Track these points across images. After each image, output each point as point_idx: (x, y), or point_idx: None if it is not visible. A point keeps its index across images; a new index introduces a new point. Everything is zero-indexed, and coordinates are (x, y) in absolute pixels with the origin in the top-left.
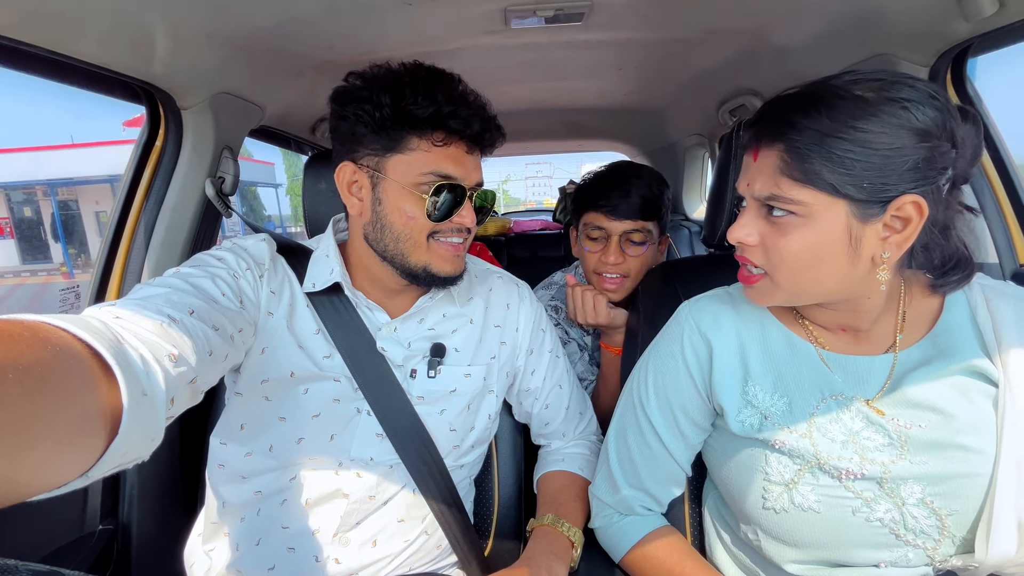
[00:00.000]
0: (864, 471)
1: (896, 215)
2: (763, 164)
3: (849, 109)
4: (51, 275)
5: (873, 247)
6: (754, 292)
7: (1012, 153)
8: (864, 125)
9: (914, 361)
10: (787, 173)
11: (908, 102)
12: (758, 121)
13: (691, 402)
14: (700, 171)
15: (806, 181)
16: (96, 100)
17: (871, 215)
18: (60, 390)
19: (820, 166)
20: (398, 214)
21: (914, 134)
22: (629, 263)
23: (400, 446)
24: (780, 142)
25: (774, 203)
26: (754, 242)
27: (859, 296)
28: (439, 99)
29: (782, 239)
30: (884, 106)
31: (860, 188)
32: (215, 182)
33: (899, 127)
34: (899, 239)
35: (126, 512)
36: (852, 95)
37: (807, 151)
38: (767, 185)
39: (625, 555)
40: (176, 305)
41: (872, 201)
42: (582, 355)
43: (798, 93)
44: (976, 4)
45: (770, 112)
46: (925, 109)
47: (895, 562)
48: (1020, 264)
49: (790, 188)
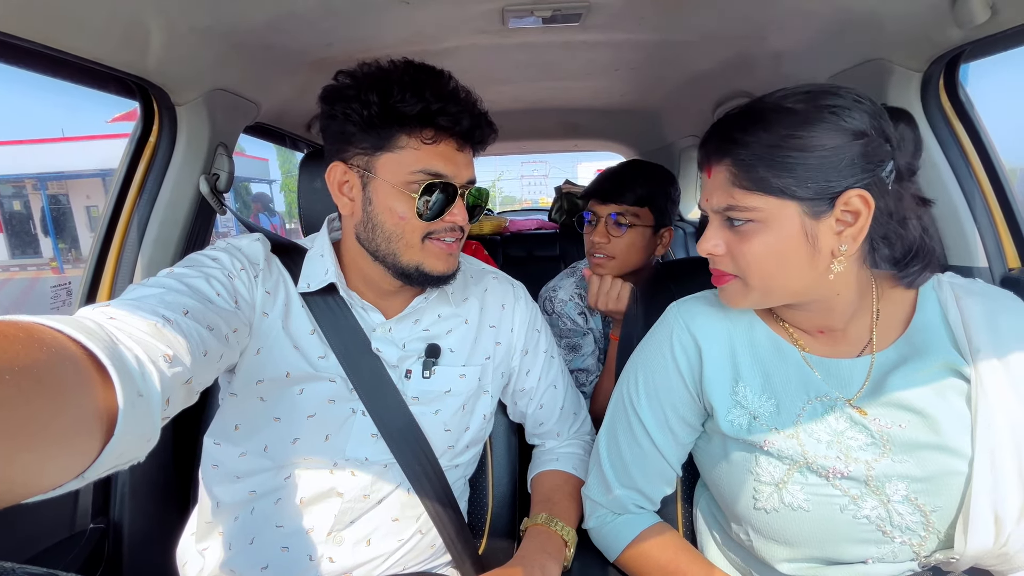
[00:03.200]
0: (849, 469)
1: (845, 209)
2: (716, 179)
3: (782, 120)
4: (40, 270)
5: (830, 241)
6: (726, 294)
7: (1002, 158)
8: (798, 132)
9: (891, 362)
10: (738, 184)
11: (836, 108)
12: (706, 142)
13: (681, 401)
14: (695, 172)
15: (755, 188)
16: (87, 93)
17: (821, 211)
18: (56, 392)
19: (765, 173)
20: (389, 214)
21: (846, 134)
22: (613, 245)
23: (395, 446)
24: (727, 157)
25: (732, 213)
26: (721, 252)
27: (828, 294)
28: (427, 96)
29: (745, 245)
30: (813, 113)
31: (805, 188)
32: (209, 179)
33: (830, 130)
34: (853, 231)
35: (117, 511)
36: (784, 108)
37: (751, 162)
38: (723, 197)
39: (620, 554)
40: (170, 305)
41: (819, 199)
42: (595, 349)
43: (738, 113)
44: (969, 11)
45: (716, 133)
46: (851, 112)
47: (882, 558)
48: (1009, 268)
49: (743, 197)
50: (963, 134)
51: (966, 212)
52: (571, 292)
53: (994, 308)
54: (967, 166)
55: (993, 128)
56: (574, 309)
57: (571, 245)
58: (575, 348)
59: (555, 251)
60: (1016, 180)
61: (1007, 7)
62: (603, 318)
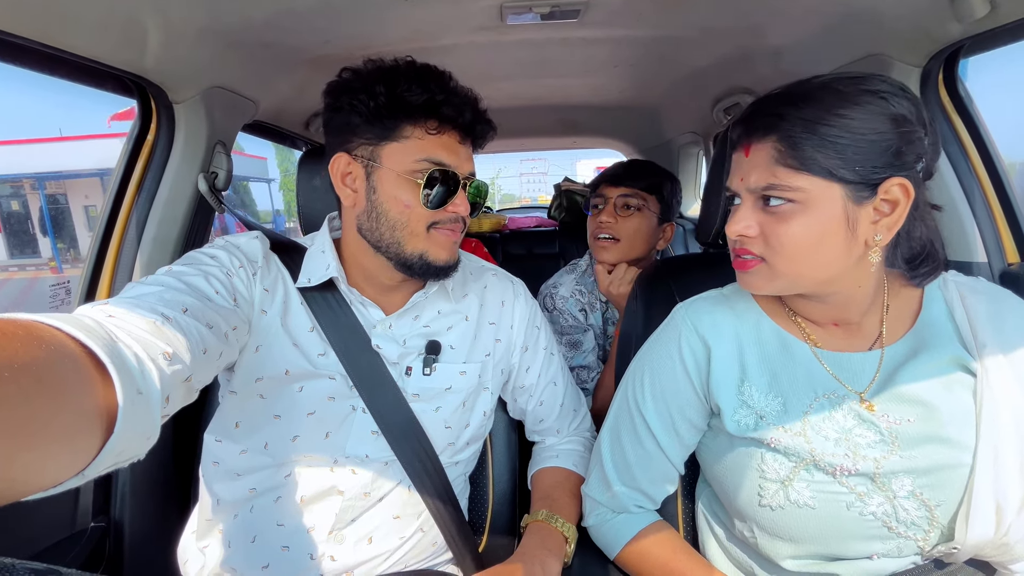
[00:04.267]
0: (857, 467)
1: (885, 198)
2: (757, 157)
3: (832, 100)
4: (39, 270)
5: (866, 230)
6: (751, 277)
7: (1001, 153)
8: (848, 112)
9: (901, 356)
10: (783, 162)
11: (883, 93)
12: (748, 118)
13: (688, 403)
14: (694, 169)
15: (802, 168)
16: (86, 92)
17: (864, 198)
18: (56, 389)
19: (814, 152)
20: (393, 202)
21: (892, 120)
22: (620, 226)
23: (395, 443)
24: (773, 133)
25: (772, 192)
26: (754, 233)
27: (851, 286)
28: (433, 88)
29: (782, 226)
30: (863, 96)
31: (853, 171)
32: (208, 177)
33: (879, 114)
34: (889, 222)
35: (118, 509)
36: (833, 89)
37: (800, 139)
38: (764, 176)
39: (619, 552)
40: (169, 303)
41: (864, 183)
42: (595, 345)
43: (783, 92)
44: (968, 6)
45: (760, 109)
46: (898, 99)
47: (887, 553)
48: (1008, 263)
49: (787, 176)
50: (962, 129)
51: (965, 207)
52: (572, 289)
53: (998, 306)
54: (966, 161)
55: (992, 123)
56: (575, 306)
57: (570, 242)
58: (576, 345)
59: (554, 249)
60: (1015, 175)
61: (1006, 2)
62: (603, 316)
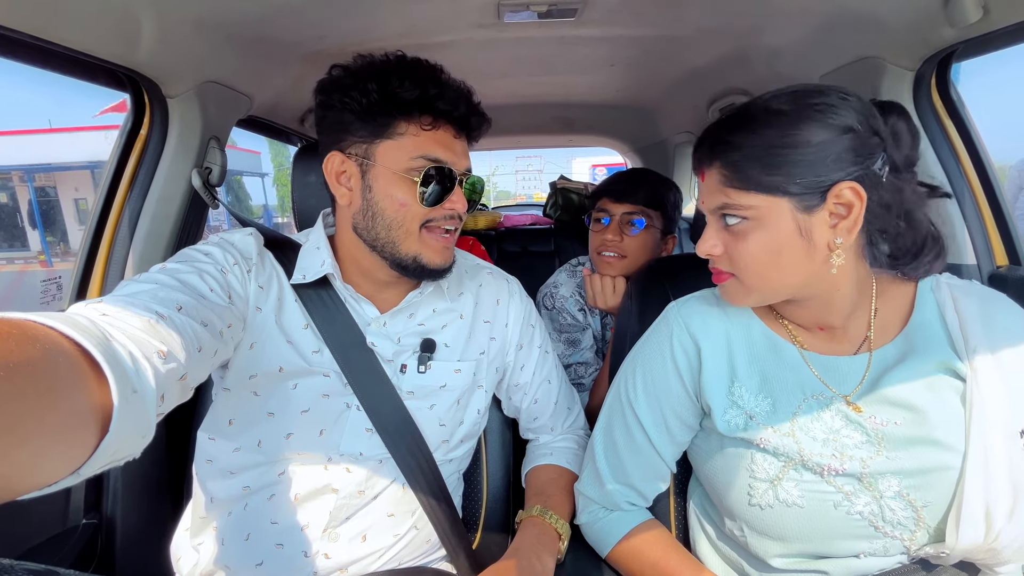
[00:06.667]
0: (844, 467)
1: (838, 202)
2: (709, 182)
3: (771, 121)
4: (28, 263)
5: (825, 235)
6: (726, 292)
7: (991, 155)
8: (786, 131)
9: (890, 359)
10: (730, 184)
11: (821, 106)
12: (698, 146)
13: (679, 402)
14: (689, 169)
15: (747, 187)
16: (76, 84)
17: (812, 206)
18: (50, 388)
19: (755, 172)
20: (389, 201)
21: (833, 129)
22: (626, 243)
23: (390, 441)
24: (718, 159)
25: (726, 211)
26: (719, 252)
27: (827, 290)
28: (426, 83)
29: (741, 243)
30: (801, 112)
31: (795, 184)
32: (202, 173)
33: (818, 127)
34: (847, 224)
35: (110, 506)
36: (772, 109)
37: (741, 162)
38: (716, 198)
39: (611, 550)
40: (163, 301)
41: (809, 193)
42: (593, 343)
43: (727, 118)
44: (961, 10)
45: (707, 137)
46: (838, 109)
47: (873, 552)
48: (997, 266)
49: (736, 196)
50: (954, 133)
51: (955, 210)
52: (572, 289)
53: (990, 310)
54: (957, 164)
55: (982, 125)
56: (574, 306)
57: (565, 240)
58: (574, 343)
59: (550, 247)
60: (1005, 178)
61: (999, 7)
62: (601, 317)
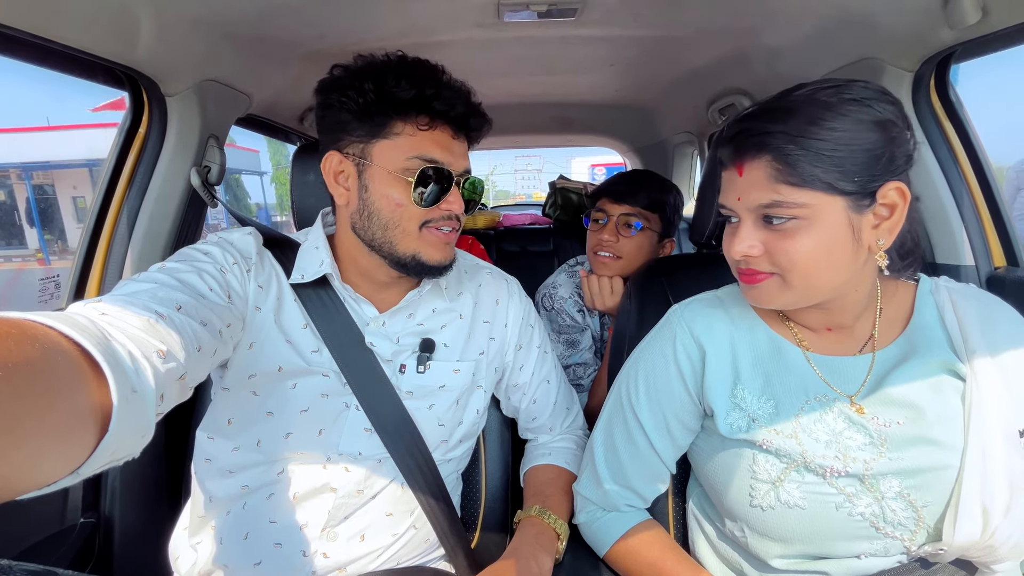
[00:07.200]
0: (847, 469)
1: (883, 203)
2: (753, 176)
3: (819, 113)
4: (26, 261)
5: (869, 236)
6: (759, 292)
7: (989, 157)
8: (837, 124)
9: (892, 359)
10: (783, 179)
11: (867, 99)
12: (735, 137)
13: (682, 405)
14: (688, 169)
15: (803, 184)
16: (73, 81)
17: (864, 206)
18: (50, 388)
19: (813, 167)
20: (385, 201)
21: (880, 127)
22: (622, 244)
23: (389, 441)
24: (767, 152)
25: (775, 210)
26: (758, 252)
27: (849, 291)
28: (423, 83)
29: (790, 242)
30: (848, 106)
31: (852, 182)
32: (201, 171)
33: (867, 122)
34: (889, 225)
35: (108, 505)
36: (818, 100)
37: (796, 156)
38: (765, 194)
39: (608, 550)
40: (163, 301)
41: (863, 192)
42: (592, 343)
43: (767, 107)
44: (961, 12)
45: (746, 127)
46: (881, 104)
47: (874, 552)
48: (995, 267)
49: (790, 193)
50: (952, 134)
51: (954, 211)
52: (571, 290)
53: (989, 312)
54: (956, 165)
55: (980, 126)
56: (573, 306)
57: (564, 240)
58: (573, 344)
59: (549, 246)
60: (1003, 179)
61: (998, 9)
62: (600, 319)
